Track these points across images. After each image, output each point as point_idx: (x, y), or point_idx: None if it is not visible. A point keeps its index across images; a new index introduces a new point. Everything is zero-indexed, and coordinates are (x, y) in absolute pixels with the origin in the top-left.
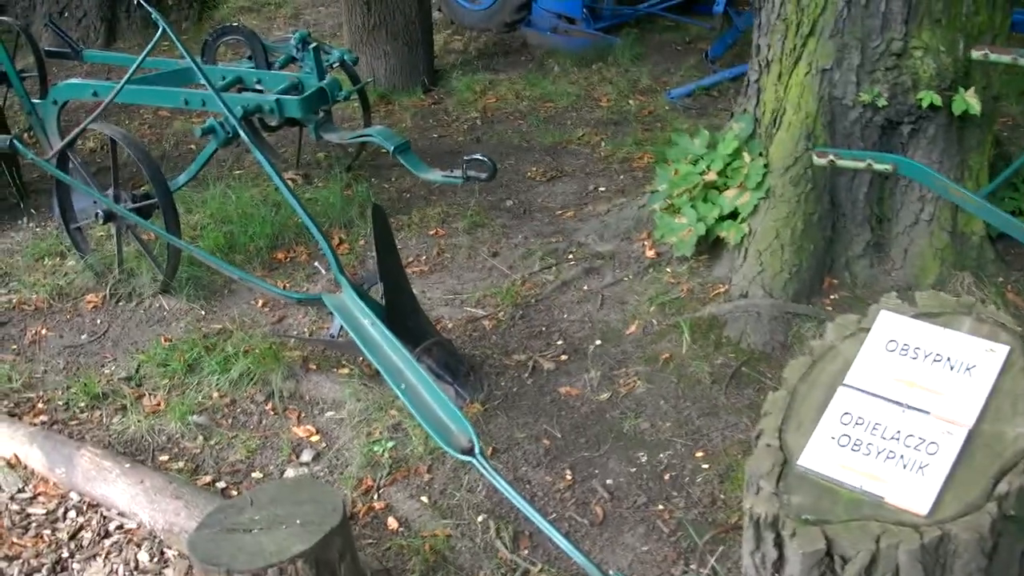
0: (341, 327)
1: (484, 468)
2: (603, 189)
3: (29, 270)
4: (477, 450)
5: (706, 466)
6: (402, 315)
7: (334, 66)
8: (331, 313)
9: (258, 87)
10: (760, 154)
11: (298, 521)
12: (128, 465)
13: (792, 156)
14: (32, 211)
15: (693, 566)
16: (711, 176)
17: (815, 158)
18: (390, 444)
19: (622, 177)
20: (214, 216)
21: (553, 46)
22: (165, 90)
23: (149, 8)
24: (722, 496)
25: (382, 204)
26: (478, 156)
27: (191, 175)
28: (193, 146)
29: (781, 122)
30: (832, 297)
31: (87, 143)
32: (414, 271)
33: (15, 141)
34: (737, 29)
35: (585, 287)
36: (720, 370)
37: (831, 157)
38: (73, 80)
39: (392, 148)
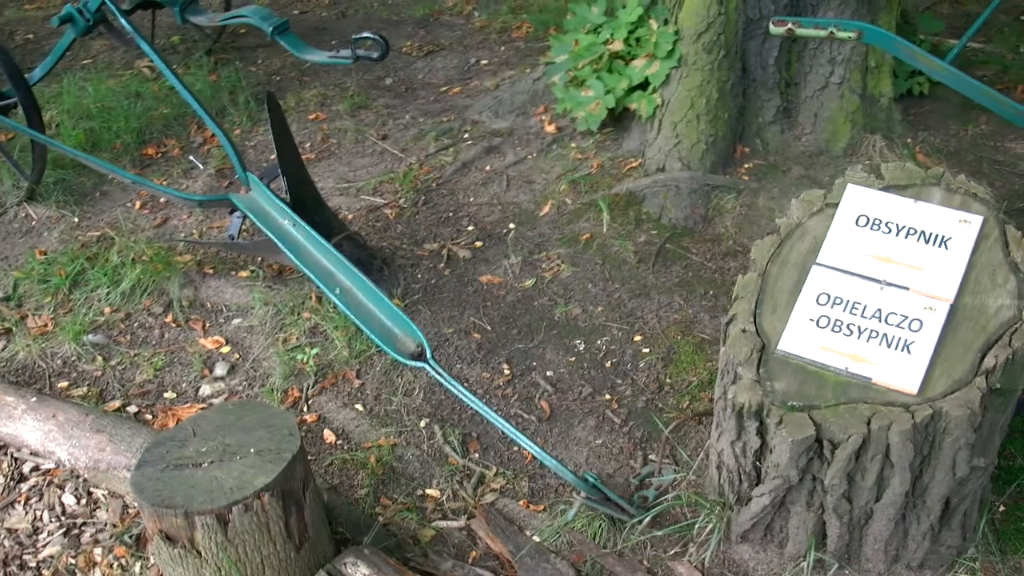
0: (240, 226)
1: (439, 374)
2: (485, 63)
3: None
4: (429, 355)
5: (646, 350)
6: (308, 210)
7: None
8: (233, 212)
9: None
10: (666, 21)
11: (252, 450)
12: (35, 399)
13: (704, 22)
14: None
15: (653, 457)
16: (616, 46)
17: (772, 27)
18: (314, 351)
19: (503, 49)
20: (70, 112)
21: None
22: None
23: None
24: (668, 381)
25: (251, 88)
26: (368, 34)
27: (47, 68)
28: (31, 35)
29: None
30: (746, 166)
31: None
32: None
33: None
34: None
35: (487, 167)
36: (644, 248)
37: (790, 26)
38: None
39: (270, 29)
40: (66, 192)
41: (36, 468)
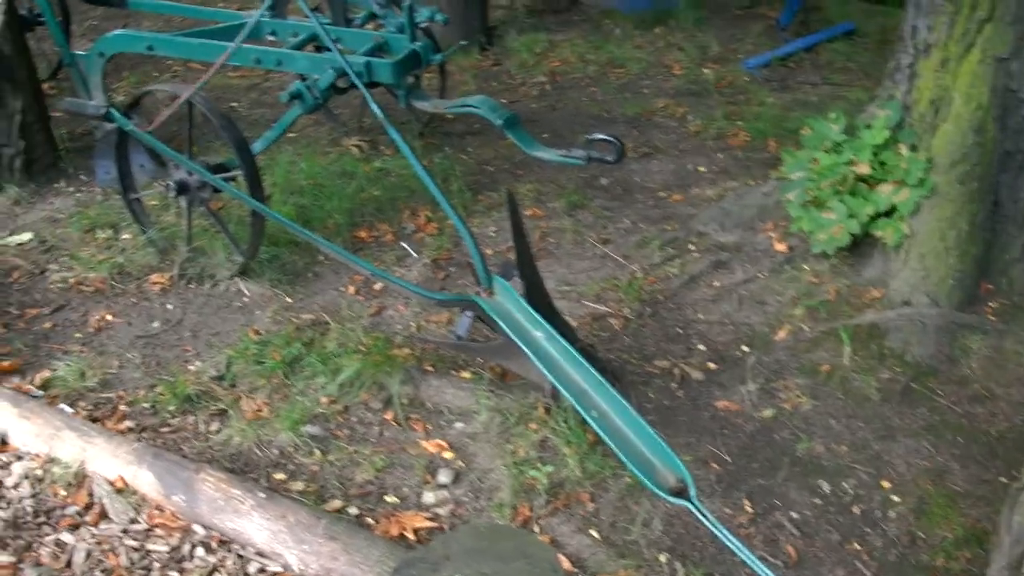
0: (469, 327)
1: (703, 515)
2: (703, 170)
3: (81, 244)
4: (692, 493)
5: (896, 498)
6: (544, 317)
7: (420, 26)
8: (464, 311)
9: (336, 46)
10: (914, 147)
11: None
12: (264, 495)
13: (960, 151)
14: (70, 171)
15: None
16: (862, 168)
17: None
18: (547, 468)
19: (720, 156)
20: (280, 186)
21: (609, 6)
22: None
23: None
24: (921, 535)
25: (465, 177)
26: (603, 136)
27: (268, 142)
28: (235, 103)
29: (947, 113)
30: (991, 305)
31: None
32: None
33: (113, 111)
34: None
35: (716, 283)
36: (887, 385)
37: None
38: (124, 30)
39: (500, 122)
40: (279, 270)
41: (263, 570)
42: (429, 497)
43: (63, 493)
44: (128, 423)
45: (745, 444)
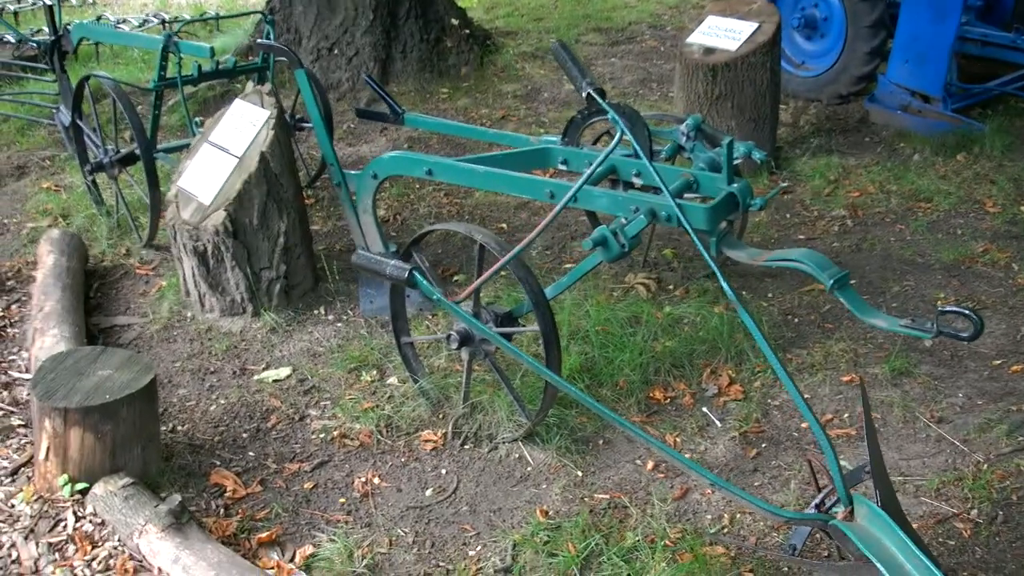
0: (806, 537)
1: None
2: None
3: (344, 386)
4: None
5: None
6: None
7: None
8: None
9: (636, 180)
10: None
11: None
12: None
13: None
14: (329, 299)
15: None
16: None
17: None
18: None
19: None
20: (566, 333)
21: (903, 127)
22: (525, 178)
23: (605, 105)
24: None
25: (764, 325)
26: (958, 308)
27: (562, 288)
28: (503, 225)
29: None
30: None
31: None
32: (836, 433)
33: (419, 276)
34: None
35: None
36: None
37: None
38: (403, 152)
39: (831, 282)
40: (567, 436)
41: None
42: None
43: None
44: None
45: None
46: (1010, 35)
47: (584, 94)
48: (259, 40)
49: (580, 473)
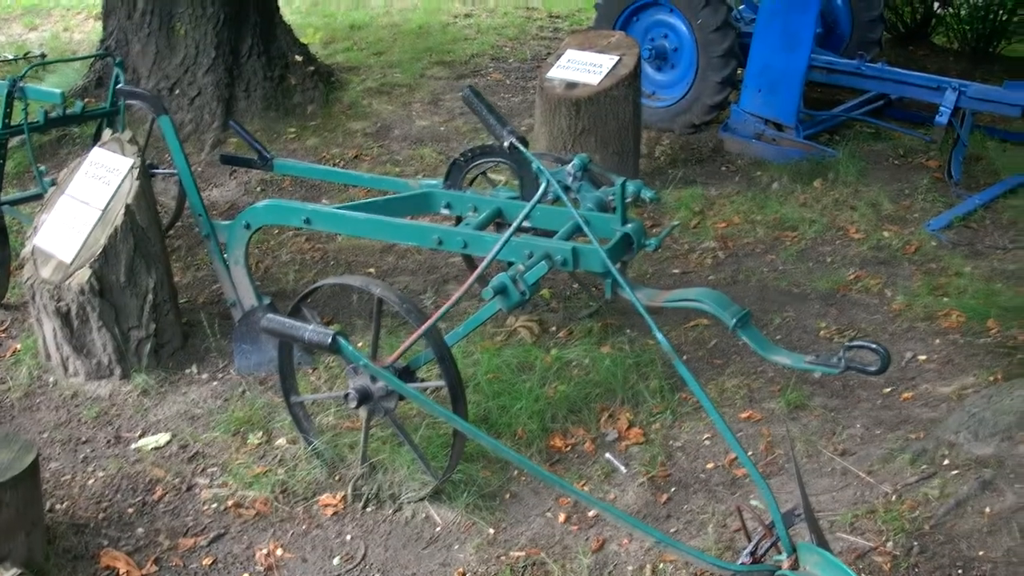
0: None
1: None
2: (924, 358)
3: (230, 450)
4: None
5: None
6: None
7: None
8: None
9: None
10: None
11: None
12: None
13: None
14: (201, 356)
15: None
16: None
17: None
18: None
19: (937, 342)
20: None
21: (758, 156)
22: (411, 224)
23: (528, 155)
24: None
25: (653, 364)
26: (865, 343)
27: (458, 338)
28: (371, 270)
29: None
30: None
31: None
32: (742, 472)
33: (343, 342)
34: (963, 143)
35: (987, 509)
36: None
37: None
38: (277, 200)
39: (733, 321)
40: (474, 492)
41: None
42: None
43: None
44: None
45: None
46: (855, 62)
47: (506, 144)
48: (122, 86)
49: (492, 530)
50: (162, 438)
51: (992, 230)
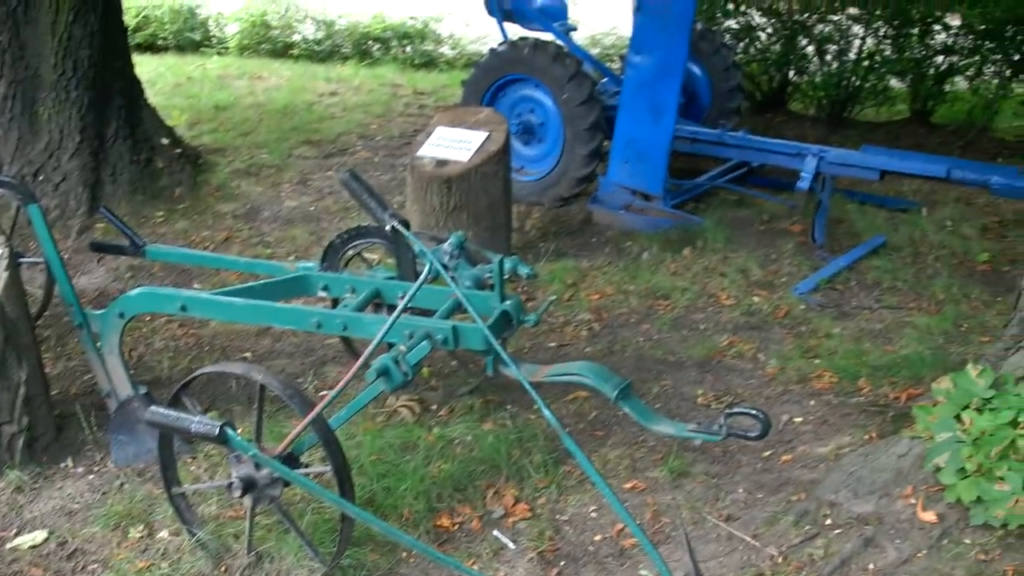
0: None
1: None
2: (800, 420)
3: (111, 546)
4: None
5: None
6: None
7: (489, 279)
8: None
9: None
10: None
11: None
12: None
13: None
14: (76, 449)
15: None
16: None
17: None
18: None
19: (812, 403)
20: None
21: (627, 226)
22: (289, 308)
23: (412, 238)
24: None
25: (536, 439)
26: (746, 409)
27: (342, 421)
28: (248, 355)
29: None
30: None
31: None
32: (630, 543)
33: (227, 429)
34: (825, 207)
35: (871, 566)
36: None
37: None
38: (151, 288)
39: (614, 393)
40: None
41: None
42: None
43: None
44: None
45: None
46: (717, 131)
47: (388, 228)
48: None
49: None
50: (39, 536)
51: (858, 291)
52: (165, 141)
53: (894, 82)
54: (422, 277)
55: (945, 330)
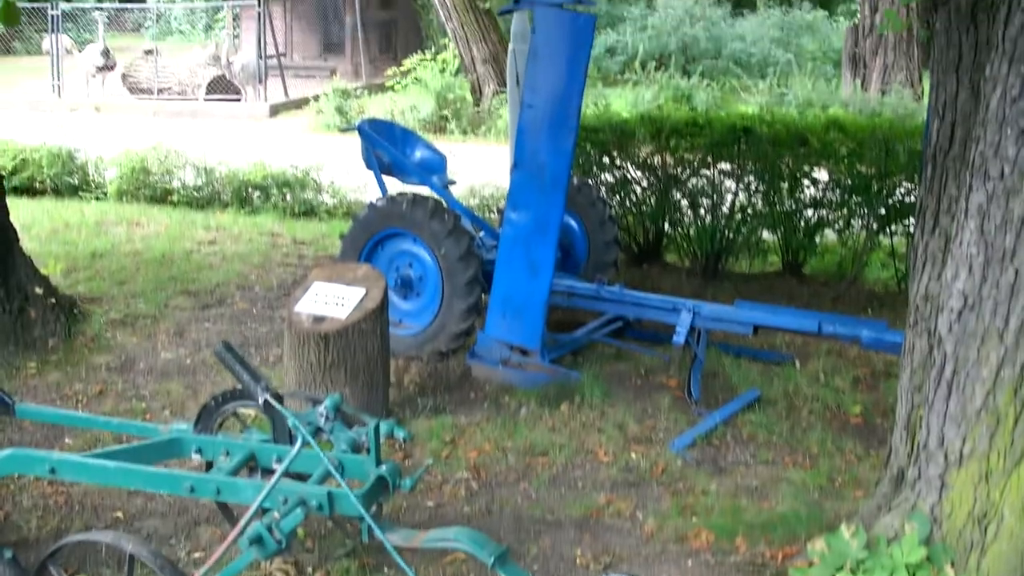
0: None
1: None
2: None
3: None
4: None
5: None
6: None
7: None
8: None
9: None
10: (952, 563)
11: None
12: None
13: (1019, 572)
14: None
15: None
16: None
17: None
18: None
19: (690, 563)
20: None
21: (505, 381)
22: (163, 473)
23: (284, 412)
24: None
25: None
26: (621, 574)
27: None
28: (119, 514)
29: (997, 532)
30: None
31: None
32: None
33: None
34: (700, 361)
35: None
36: None
37: None
38: (18, 449)
39: (492, 559)
40: None
41: None
42: None
43: None
44: None
45: None
46: (594, 286)
47: (260, 401)
48: None
49: None
50: None
51: (734, 446)
52: (39, 291)
53: (766, 234)
54: (294, 450)
55: (820, 484)
